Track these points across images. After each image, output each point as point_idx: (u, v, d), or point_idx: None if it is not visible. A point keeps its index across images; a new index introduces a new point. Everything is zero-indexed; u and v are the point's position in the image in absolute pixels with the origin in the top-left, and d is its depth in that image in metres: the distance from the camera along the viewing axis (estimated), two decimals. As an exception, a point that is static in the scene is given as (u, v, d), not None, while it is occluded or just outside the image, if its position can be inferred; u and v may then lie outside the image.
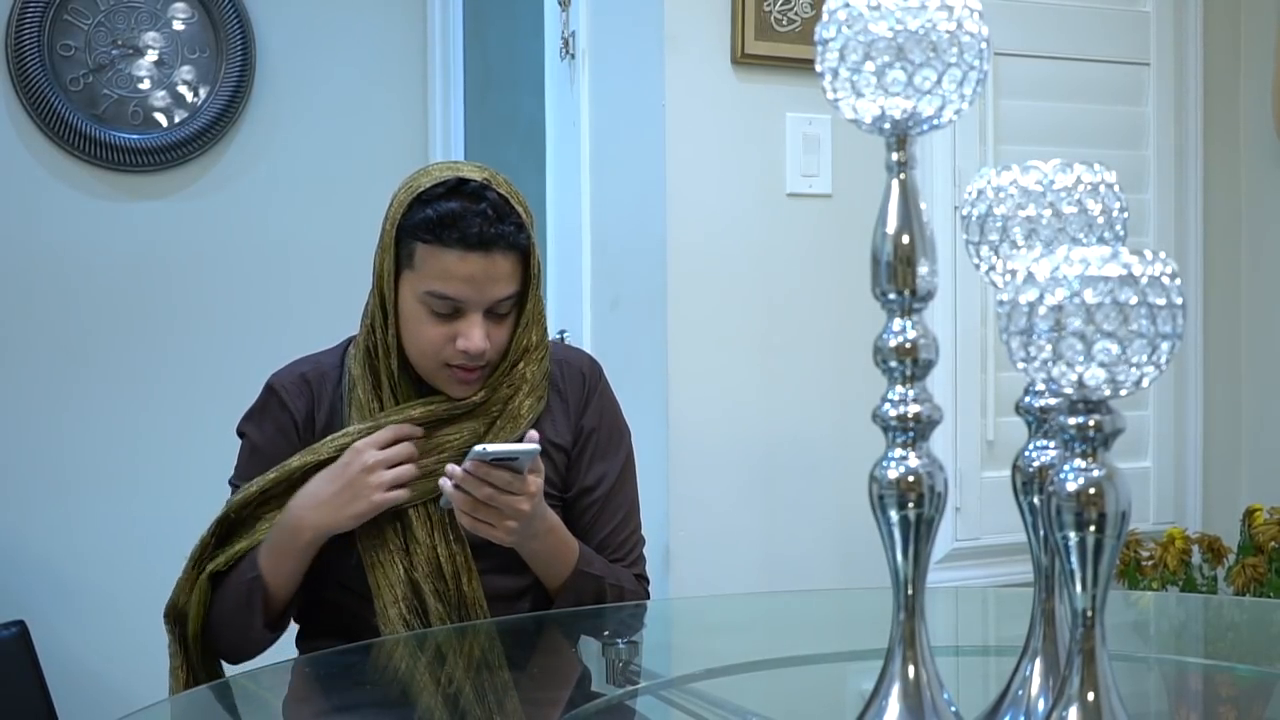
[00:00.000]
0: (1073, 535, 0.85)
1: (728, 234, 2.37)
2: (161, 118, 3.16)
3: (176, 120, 3.16)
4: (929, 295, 0.94)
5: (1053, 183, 1.03)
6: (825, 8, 0.94)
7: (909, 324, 0.94)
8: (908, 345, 0.94)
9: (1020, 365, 0.86)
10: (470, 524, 1.55)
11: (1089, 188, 1.04)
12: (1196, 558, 2.52)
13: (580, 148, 2.48)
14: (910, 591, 0.95)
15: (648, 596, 1.77)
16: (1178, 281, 0.84)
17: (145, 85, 3.14)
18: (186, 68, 3.17)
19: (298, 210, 3.27)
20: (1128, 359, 0.82)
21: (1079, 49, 2.61)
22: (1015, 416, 1.06)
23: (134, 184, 3.15)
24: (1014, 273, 0.86)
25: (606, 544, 1.72)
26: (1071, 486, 0.85)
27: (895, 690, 0.95)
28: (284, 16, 3.26)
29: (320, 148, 3.28)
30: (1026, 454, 1.03)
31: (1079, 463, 0.85)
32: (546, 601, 1.67)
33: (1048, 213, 1.03)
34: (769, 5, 2.34)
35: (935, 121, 0.93)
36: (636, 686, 1.39)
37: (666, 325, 2.32)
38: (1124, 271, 0.82)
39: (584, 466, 1.72)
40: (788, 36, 2.36)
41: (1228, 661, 1.59)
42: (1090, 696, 0.86)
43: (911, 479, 0.93)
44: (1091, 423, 0.85)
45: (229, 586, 1.65)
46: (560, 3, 2.52)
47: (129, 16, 3.12)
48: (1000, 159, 2.48)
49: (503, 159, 2.96)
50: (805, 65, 2.23)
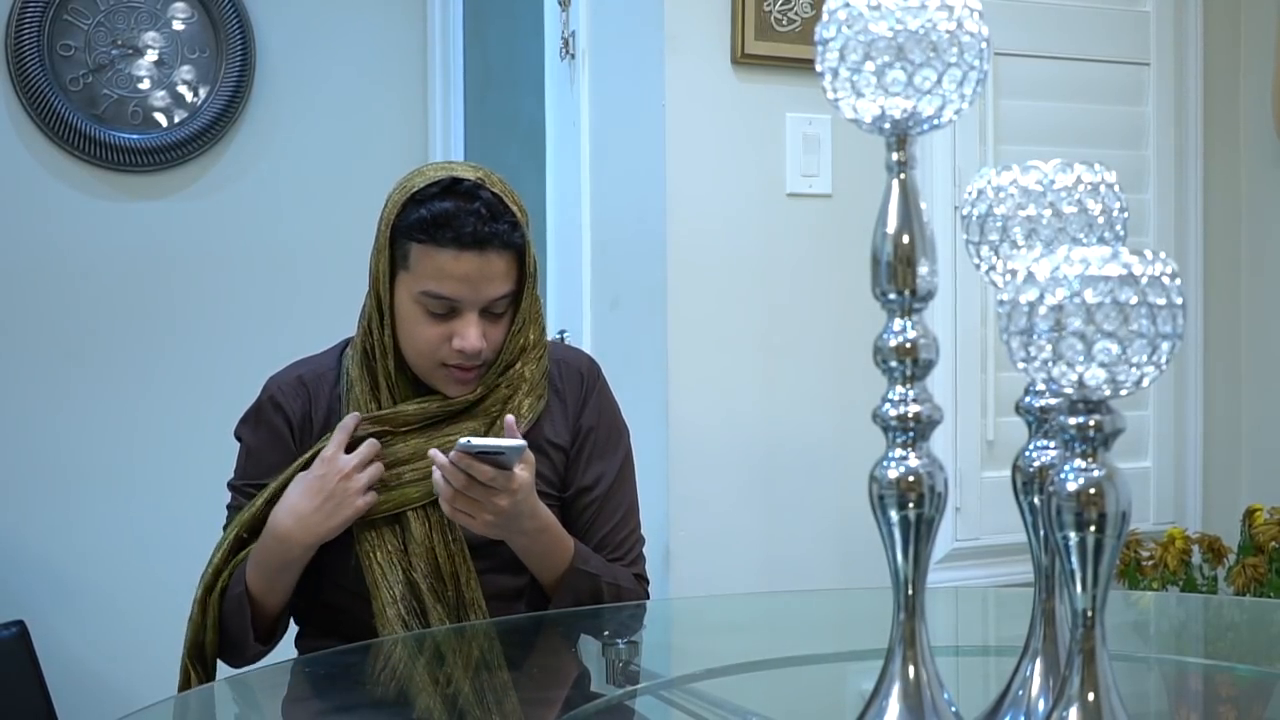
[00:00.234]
0: (1073, 535, 0.85)
1: (728, 234, 2.37)
2: (161, 118, 3.16)
3: (176, 120, 3.16)
4: (929, 295, 0.94)
5: (1053, 183, 1.03)
6: (825, 8, 0.94)
7: (909, 324, 0.94)
8: (908, 345, 0.94)
9: (1020, 365, 0.86)
10: (450, 511, 1.55)
11: (1089, 188, 1.03)
12: (1196, 558, 2.52)
13: (580, 148, 2.48)
14: (910, 591, 0.95)
15: (647, 596, 1.77)
16: (1178, 281, 0.84)
17: (145, 85, 3.14)
18: (186, 68, 3.17)
19: (297, 210, 3.27)
20: (1128, 359, 0.82)
21: (1079, 49, 2.61)
22: (1015, 416, 1.06)
23: (134, 184, 3.16)
24: (1014, 273, 0.86)
25: (605, 543, 1.72)
26: (1071, 486, 0.85)
27: (895, 690, 0.95)
28: (284, 16, 3.26)
29: (320, 148, 3.28)
30: (1026, 454, 1.03)
31: (1079, 463, 0.85)
32: (545, 601, 1.67)
33: (1048, 213, 1.03)
34: (769, 5, 2.34)
35: (935, 121, 0.93)
36: (636, 686, 1.39)
37: (666, 325, 2.32)
38: (1124, 271, 0.82)
39: (582, 466, 1.72)
40: (788, 36, 2.36)
41: (1228, 661, 1.59)
42: (1090, 696, 0.86)
43: (911, 479, 0.93)
44: (1091, 423, 0.85)
45: (224, 600, 1.65)
46: (560, 3, 2.52)
47: (129, 16, 3.12)
48: (1000, 159, 2.48)
49: (503, 159, 2.96)
50: (805, 65, 2.23)
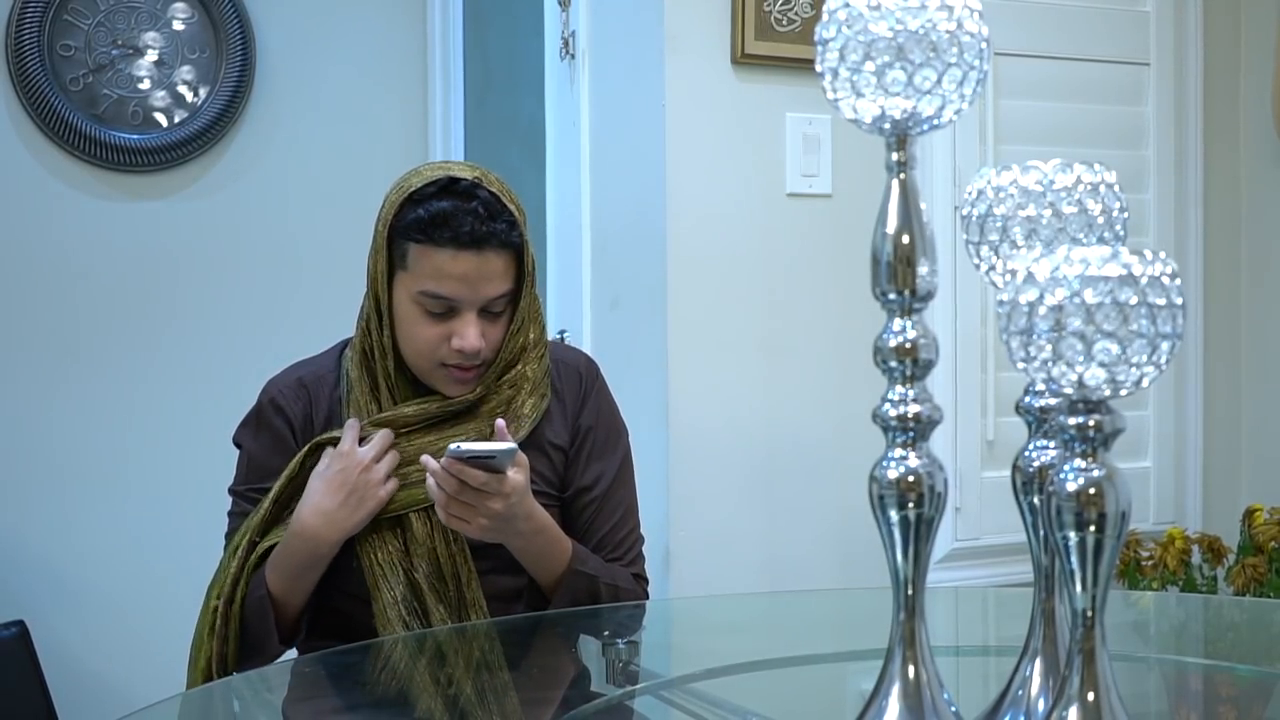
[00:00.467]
0: (1073, 535, 0.85)
1: (728, 234, 2.37)
2: (161, 118, 3.16)
3: (176, 120, 3.16)
4: (929, 295, 0.94)
5: (1053, 183, 1.03)
6: (825, 8, 0.94)
7: (909, 324, 0.94)
8: (908, 345, 0.94)
9: (1020, 365, 0.86)
10: (445, 518, 1.55)
11: (1089, 188, 1.03)
12: (1196, 558, 2.52)
13: (580, 148, 2.48)
14: (910, 591, 0.95)
15: (646, 596, 1.77)
16: (1178, 281, 0.84)
17: (145, 85, 3.14)
18: (186, 68, 3.17)
19: (297, 210, 3.27)
20: (1128, 359, 0.82)
21: (1079, 49, 2.61)
22: (1015, 416, 1.06)
23: (134, 184, 3.15)
24: (1014, 273, 0.86)
25: (605, 543, 1.72)
26: (1071, 486, 0.85)
27: (895, 690, 0.95)
28: (284, 16, 3.26)
29: (320, 148, 3.28)
30: (1026, 454, 1.03)
31: (1079, 463, 0.85)
32: (545, 601, 1.67)
33: (1048, 213, 1.03)
34: (769, 5, 2.34)
35: (935, 121, 0.93)
36: (636, 686, 1.39)
37: (666, 325, 2.32)
38: (1124, 271, 0.82)
39: (581, 466, 1.72)
40: (788, 36, 2.36)
41: (1228, 661, 1.59)
42: (1090, 696, 0.86)
43: (911, 479, 0.93)
44: (1091, 423, 0.85)
45: (244, 606, 1.64)
46: (560, 3, 2.52)
47: (129, 16, 3.12)
48: (1000, 159, 2.48)
49: (503, 159, 2.96)
50: (805, 65, 2.23)
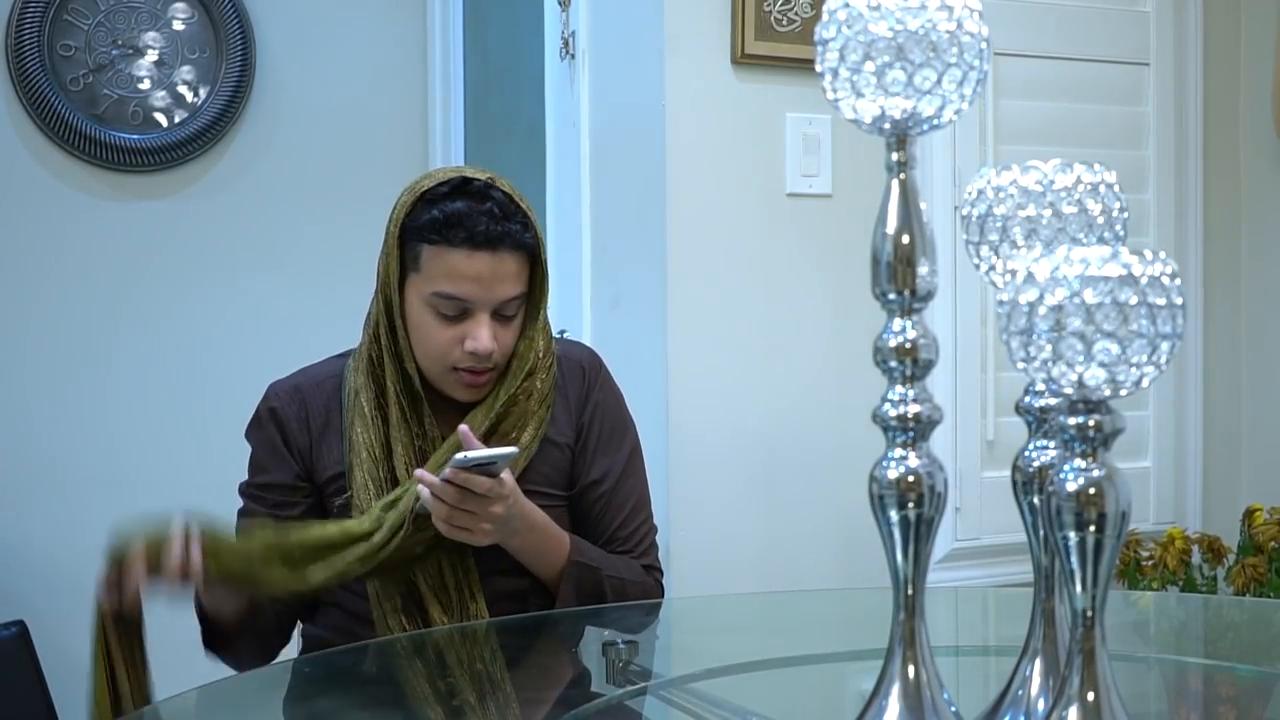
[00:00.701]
0: (1073, 535, 0.85)
1: (728, 234, 2.37)
2: (161, 118, 3.16)
3: (176, 120, 3.16)
4: (929, 295, 0.94)
5: (1053, 183, 1.03)
6: (825, 8, 0.94)
7: (909, 324, 0.94)
8: (908, 345, 0.94)
9: (1020, 365, 0.86)
10: (447, 530, 1.54)
11: (1089, 188, 1.04)
12: (1196, 558, 2.52)
13: (580, 148, 2.47)
14: (910, 591, 0.95)
15: (659, 586, 1.75)
16: (1178, 281, 0.84)
17: (145, 85, 3.14)
18: (186, 68, 3.17)
19: (297, 211, 3.27)
20: (1128, 359, 0.82)
21: (1079, 49, 2.61)
22: (1015, 416, 1.06)
23: (134, 184, 3.15)
24: (1014, 273, 0.86)
25: (615, 536, 1.71)
26: (1071, 486, 0.85)
27: (895, 690, 0.95)
28: (284, 16, 3.26)
29: (320, 148, 3.28)
30: (1026, 454, 1.03)
31: (1079, 463, 0.85)
32: (549, 601, 1.66)
33: (1048, 213, 1.03)
34: (769, 5, 2.34)
35: (935, 121, 0.93)
36: (637, 686, 1.39)
37: (666, 325, 2.32)
38: (1124, 271, 0.82)
39: (588, 461, 1.71)
40: (788, 36, 2.36)
41: (1228, 661, 1.59)
42: (1090, 696, 0.86)
43: (911, 479, 0.93)
44: (1091, 423, 0.85)
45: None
46: (560, 3, 2.51)
47: (129, 16, 3.12)
48: (1000, 159, 2.48)
49: (503, 159, 2.96)
50: (805, 65, 2.23)
